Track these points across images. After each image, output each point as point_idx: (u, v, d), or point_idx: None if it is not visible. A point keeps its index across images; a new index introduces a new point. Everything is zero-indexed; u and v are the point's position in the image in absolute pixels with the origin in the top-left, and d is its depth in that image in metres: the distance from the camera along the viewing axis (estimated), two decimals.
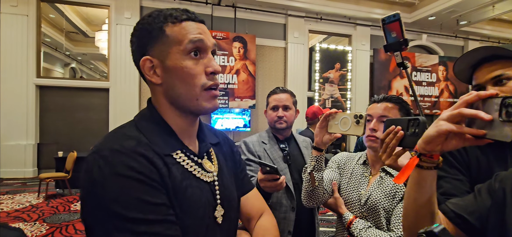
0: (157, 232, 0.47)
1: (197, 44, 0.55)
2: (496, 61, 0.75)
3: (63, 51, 7.60)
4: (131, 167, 0.48)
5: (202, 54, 0.57)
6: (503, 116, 0.43)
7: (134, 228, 0.45)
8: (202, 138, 0.65)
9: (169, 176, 0.53)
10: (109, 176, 0.47)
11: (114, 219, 0.45)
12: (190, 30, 0.56)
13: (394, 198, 0.94)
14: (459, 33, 8.43)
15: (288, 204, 1.25)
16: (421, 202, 0.58)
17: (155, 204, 0.48)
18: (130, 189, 0.47)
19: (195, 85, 0.55)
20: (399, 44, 0.92)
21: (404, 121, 0.67)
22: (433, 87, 8.31)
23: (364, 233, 0.94)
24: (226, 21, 6.68)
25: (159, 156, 0.53)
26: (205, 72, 0.56)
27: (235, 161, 0.75)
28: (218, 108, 0.65)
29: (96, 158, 0.49)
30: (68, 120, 6.00)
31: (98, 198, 0.46)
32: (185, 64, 0.55)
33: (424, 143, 0.54)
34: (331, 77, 7.41)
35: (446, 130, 0.50)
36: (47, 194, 4.40)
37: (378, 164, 1.04)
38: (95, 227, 0.47)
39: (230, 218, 0.64)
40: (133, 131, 0.55)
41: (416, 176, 0.57)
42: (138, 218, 0.46)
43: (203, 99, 0.57)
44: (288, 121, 1.34)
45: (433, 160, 0.55)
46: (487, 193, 0.60)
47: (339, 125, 0.85)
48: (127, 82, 6.05)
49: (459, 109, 0.49)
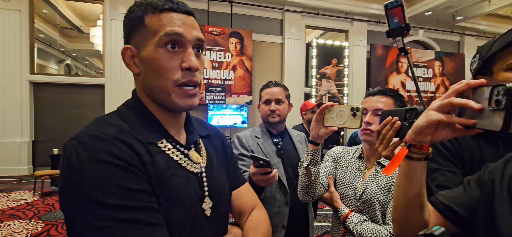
0: (137, 219, 0.45)
1: (173, 37, 0.52)
2: None
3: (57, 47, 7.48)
4: (110, 152, 0.46)
5: (180, 47, 0.54)
6: (493, 105, 0.43)
7: (113, 215, 0.44)
8: (190, 130, 0.64)
9: (152, 164, 0.51)
10: (88, 161, 0.45)
11: (93, 205, 0.44)
12: (168, 21, 0.53)
13: (389, 192, 0.94)
14: (455, 29, 8.45)
15: (282, 198, 1.25)
16: (410, 194, 0.57)
17: (136, 191, 0.47)
18: (109, 175, 0.45)
19: (167, 79, 0.53)
20: (401, 29, 0.93)
21: (401, 112, 0.66)
22: (429, 82, 8.34)
23: (359, 227, 0.94)
24: (222, 16, 6.62)
25: (142, 144, 0.52)
26: (181, 67, 0.54)
27: (227, 155, 0.73)
28: (195, 107, 0.62)
29: (74, 144, 0.47)
30: (63, 117, 5.94)
31: (76, 185, 0.45)
32: (158, 56, 0.53)
33: (413, 133, 0.53)
34: (328, 72, 7.40)
35: (436, 120, 0.49)
36: (43, 191, 4.37)
37: (373, 157, 1.03)
38: (74, 215, 0.45)
39: (220, 212, 0.63)
40: (116, 120, 0.54)
41: (405, 167, 0.56)
42: (118, 204, 0.44)
43: (176, 96, 0.54)
44: (281, 114, 1.33)
45: (423, 151, 0.54)
46: (476, 184, 0.60)
47: (335, 118, 0.84)
48: (122, 79, 5.99)
49: (449, 99, 0.48)
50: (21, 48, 5.53)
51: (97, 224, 0.43)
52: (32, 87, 5.75)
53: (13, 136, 5.54)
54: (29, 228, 3.10)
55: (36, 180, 4.43)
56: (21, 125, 5.59)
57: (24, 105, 5.61)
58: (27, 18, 5.57)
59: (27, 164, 5.69)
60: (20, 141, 5.60)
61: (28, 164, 5.70)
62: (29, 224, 3.22)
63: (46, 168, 5.01)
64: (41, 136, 5.86)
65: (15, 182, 5.13)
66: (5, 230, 3.02)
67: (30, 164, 5.75)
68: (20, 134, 5.60)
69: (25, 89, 5.61)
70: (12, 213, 3.56)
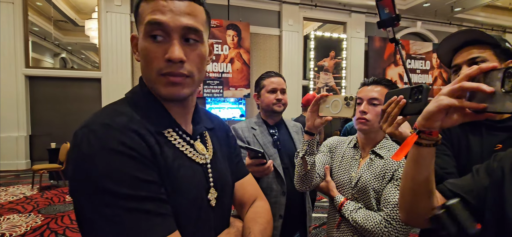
0: (148, 209, 0.46)
1: (154, 27, 0.50)
2: (476, 45, 0.79)
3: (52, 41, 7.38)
4: (122, 142, 0.46)
5: (166, 37, 0.51)
6: (506, 87, 0.43)
7: (124, 204, 0.44)
8: (197, 121, 0.64)
9: (162, 154, 0.52)
10: (99, 150, 0.45)
11: (104, 194, 0.44)
12: (152, 9, 0.50)
13: (383, 179, 0.95)
14: (453, 20, 8.43)
15: (278, 188, 1.26)
16: (419, 180, 0.58)
17: (147, 181, 0.47)
18: (121, 165, 0.45)
19: (152, 69, 0.52)
20: (391, 19, 0.95)
21: (406, 90, 0.67)
22: (427, 74, 8.37)
23: (354, 214, 0.96)
24: (219, 8, 6.55)
25: (151, 134, 0.52)
26: (164, 58, 0.51)
27: (230, 146, 0.74)
28: (182, 97, 0.56)
29: (85, 132, 0.47)
30: (60, 111, 5.91)
31: (87, 173, 0.45)
32: (144, 45, 0.52)
33: (423, 119, 0.53)
34: (325, 65, 7.39)
35: (447, 104, 0.49)
36: (41, 185, 4.38)
37: (368, 146, 1.05)
38: (84, 202, 0.45)
39: (224, 203, 0.64)
40: (125, 108, 0.54)
41: (414, 153, 0.57)
42: (129, 194, 0.44)
43: (161, 84, 0.52)
44: (285, 104, 1.34)
45: (432, 137, 0.54)
46: (485, 172, 0.61)
47: (330, 108, 0.85)
48: (119, 72, 5.95)
49: (460, 83, 0.48)
50: (15, 41, 5.46)
51: (108, 212, 0.43)
52: (27, 81, 5.69)
53: (10, 130, 5.52)
54: (29, 221, 3.12)
55: (34, 174, 4.43)
56: (18, 119, 5.56)
57: (20, 99, 5.57)
58: (20, 10, 5.48)
59: (25, 159, 5.68)
60: (17, 136, 5.58)
61: (25, 158, 5.69)
62: (28, 217, 3.23)
63: (44, 163, 5.01)
64: (38, 130, 5.84)
65: (13, 177, 5.13)
66: (4, 224, 3.03)
67: (27, 159, 5.75)
68: (17, 129, 5.58)
69: (20, 83, 5.56)
70: (11, 207, 3.58)
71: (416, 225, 0.67)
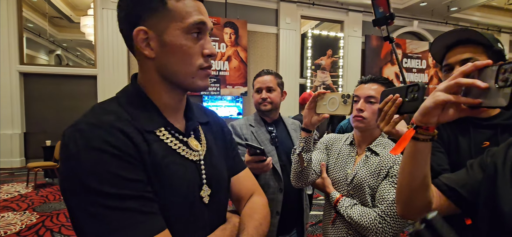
0: (131, 207, 0.46)
1: (199, 25, 0.55)
2: (468, 45, 0.80)
3: (47, 37, 7.29)
4: (106, 141, 0.47)
5: (201, 35, 0.57)
6: (500, 82, 0.44)
7: (107, 203, 0.45)
8: (190, 116, 0.64)
9: (149, 152, 0.52)
10: (84, 149, 0.46)
11: (88, 192, 0.45)
12: (193, 9, 0.55)
13: (378, 176, 0.96)
14: (449, 20, 8.50)
15: (276, 185, 1.27)
16: (416, 175, 0.59)
17: (131, 180, 0.47)
18: (104, 163, 0.46)
19: (192, 64, 0.55)
20: (385, 18, 0.97)
21: (402, 89, 0.68)
22: (423, 73, 8.43)
23: (350, 210, 0.97)
24: (217, 6, 6.52)
25: (139, 132, 0.52)
26: (202, 53, 0.56)
27: (226, 141, 0.73)
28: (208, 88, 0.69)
29: (72, 131, 0.48)
30: (55, 108, 5.84)
31: (73, 171, 0.46)
32: (184, 42, 0.54)
33: (420, 115, 0.55)
34: (323, 63, 7.41)
35: (443, 100, 0.51)
36: (36, 183, 4.34)
37: (364, 144, 1.06)
38: (71, 200, 0.46)
39: (219, 199, 0.64)
40: (114, 107, 0.54)
41: (411, 148, 0.58)
42: (111, 192, 0.45)
43: (199, 78, 0.57)
44: (272, 102, 1.33)
45: (429, 132, 0.56)
46: (479, 167, 0.63)
47: (327, 106, 0.86)
48: (115, 69, 5.89)
49: (456, 79, 0.50)
50: (9, 37, 5.38)
51: (92, 210, 0.44)
52: (22, 78, 5.62)
53: (4, 128, 5.45)
54: (24, 219, 3.09)
55: (29, 172, 4.39)
56: (12, 116, 5.50)
57: (15, 96, 5.50)
58: (14, 6, 5.40)
59: (19, 156, 5.62)
60: (12, 133, 5.52)
61: (20, 156, 5.63)
62: (23, 215, 3.21)
63: (39, 160, 4.96)
64: (33, 128, 5.78)
65: (8, 175, 5.07)
66: None
67: (22, 156, 5.68)
68: (12, 126, 5.51)
69: (15, 80, 5.49)
70: (6, 205, 3.54)
71: (412, 218, 0.69)
